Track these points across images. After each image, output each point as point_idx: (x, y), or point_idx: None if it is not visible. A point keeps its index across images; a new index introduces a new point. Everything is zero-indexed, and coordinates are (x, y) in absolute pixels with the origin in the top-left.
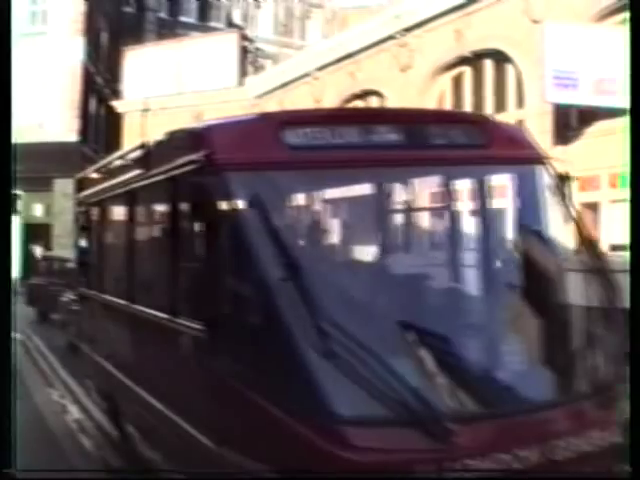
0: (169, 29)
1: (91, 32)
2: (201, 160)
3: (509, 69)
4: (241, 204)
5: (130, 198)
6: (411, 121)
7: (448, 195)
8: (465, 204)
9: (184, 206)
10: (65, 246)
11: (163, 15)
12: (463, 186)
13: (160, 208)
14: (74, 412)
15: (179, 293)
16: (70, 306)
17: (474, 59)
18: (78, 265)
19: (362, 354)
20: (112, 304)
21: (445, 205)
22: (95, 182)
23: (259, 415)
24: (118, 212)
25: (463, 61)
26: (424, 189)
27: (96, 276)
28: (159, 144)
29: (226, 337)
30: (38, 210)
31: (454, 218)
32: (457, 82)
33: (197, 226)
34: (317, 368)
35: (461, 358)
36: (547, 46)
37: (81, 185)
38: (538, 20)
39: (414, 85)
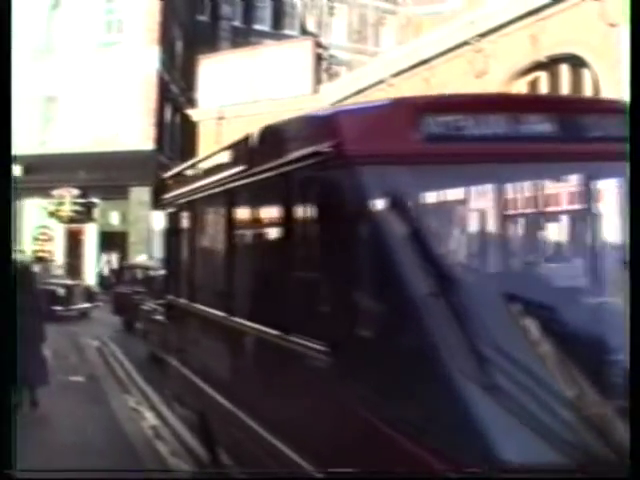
0: (243, 37)
1: (166, 41)
2: (326, 152)
3: (585, 73)
4: (378, 203)
5: (229, 198)
6: (565, 110)
7: (589, 195)
8: (606, 205)
9: (300, 206)
10: (141, 253)
11: (237, 23)
12: (604, 185)
13: (268, 208)
14: (150, 418)
15: (293, 307)
16: (152, 315)
17: (550, 64)
18: (166, 272)
19: (532, 386)
20: (205, 315)
21: (586, 207)
22: (186, 181)
23: (391, 452)
24: (214, 214)
25: (539, 66)
26: (562, 187)
27: (186, 284)
28: (267, 136)
29: (355, 361)
30: (114, 218)
31: (596, 222)
32: (533, 87)
33: (318, 229)
34: (477, 404)
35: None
36: (624, 50)
37: (169, 185)
38: (614, 24)
39: (489, 91)
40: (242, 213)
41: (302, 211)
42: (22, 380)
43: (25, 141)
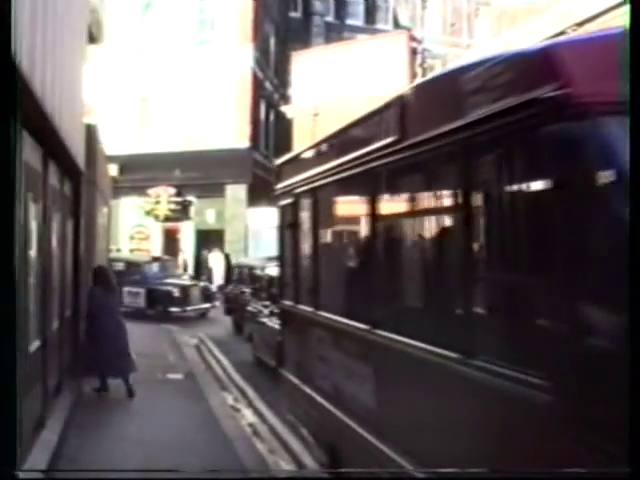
0: (336, 32)
1: (259, 38)
2: (547, 100)
3: None
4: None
5: (369, 181)
6: None
7: None
8: None
9: (489, 184)
10: (237, 251)
11: (330, 19)
12: None
13: (434, 191)
14: (248, 416)
15: (481, 323)
16: (257, 317)
17: None
18: (279, 273)
19: None
20: (335, 326)
21: None
22: (307, 165)
23: None
24: (347, 202)
25: None
26: None
27: (308, 288)
28: (430, 94)
29: (585, 400)
30: (210, 216)
31: None
32: None
33: (524, 215)
34: None
35: None
36: None
37: (285, 172)
38: None
39: None
40: (390, 199)
41: (494, 191)
42: (109, 372)
43: (121, 141)
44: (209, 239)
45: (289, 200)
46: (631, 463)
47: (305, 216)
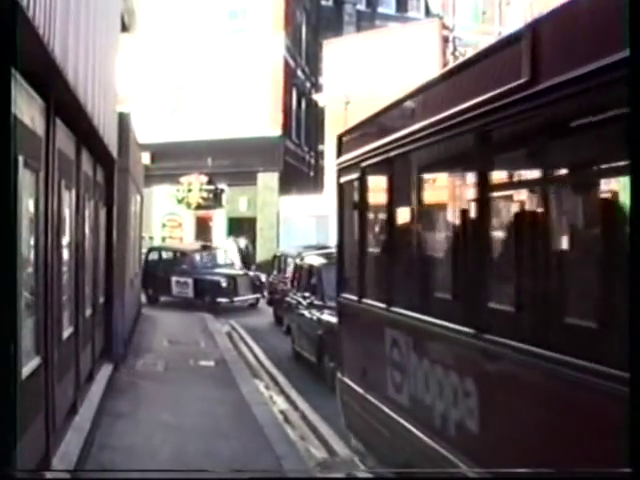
0: (367, 21)
1: (291, 26)
2: None
3: None
4: None
5: (477, 143)
6: None
7: None
8: None
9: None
10: (269, 239)
11: (361, 7)
12: None
13: (586, 158)
14: (280, 403)
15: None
16: (295, 309)
17: None
18: (339, 261)
19: None
20: (415, 325)
21: None
22: (382, 130)
23: None
24: (441, 172)
25: None
26: None
27: (378, 278)
28: (575, 20)
29: None
30: (242, 204)
31: None
32: None
33: None
34: None
35: None
36: None
37: (349, 141)
38: None
39: None
40: (505, 167)
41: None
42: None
43: (154, 129)
44: (241, 227)
45: (354, 175)
46: (632, 463)
47: (376, 194)
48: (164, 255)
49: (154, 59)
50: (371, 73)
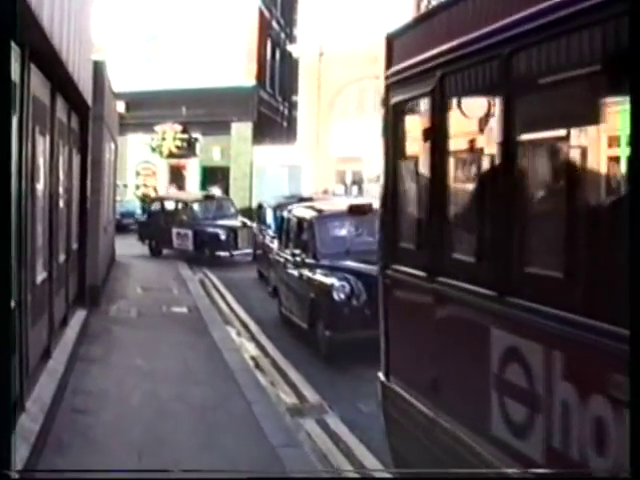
0: None
1: None
2: None
3: None
4: None
5: None
6: None
7: None
8: None
9: None
10: (242, 189)
11: None
12: None
13: None
14: (251, 349)
15: None
16: (284, 268)
17: None
18: (385, 216)
19: None
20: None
21: None
22: (458, 24)
23: None
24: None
25: None
26: None
27: (467, 244)
28: None
29: None
30: (216, 153)
31: None
32: None
33: None
34: None
35: None
36: None
37: (405, 44)
38: None
39: None
40: None
41: None
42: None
43: (129, 78)
44: (214, 176)
45: (421, 89)
46: (632, 463)
47: (466, 115)
48: (167, 205)
49: (130, 8)
50: (346, 25)
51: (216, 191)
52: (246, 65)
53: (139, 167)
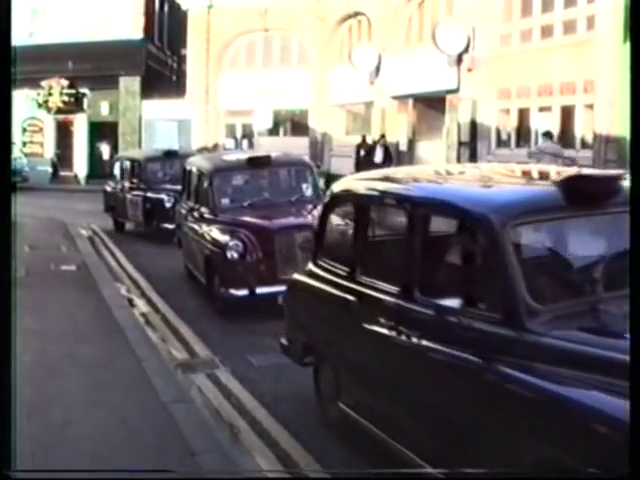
0: None
1: None
2: None
3: None
4: None
5: None
6: None
7: None
8: None
9: None
10: (131, 144)
11: None
12: None
13: None
14: (141, 306)
15: None
16: (185, 223)
17: None
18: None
19: None
20: None
21: None
22: None
23: None
24: None
25: None
26: None
27: None
28: None
29: None
30: (104, 108)
31: None
32: None
33: None
34: None
35: None
36: None
37: None
38: None
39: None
40: None
41: None
42: None
43: (14, 32)
44: (103, 131)
45: None
46: (631, 463)
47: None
48: (126, 166)
49: None
50: None
51: (105, 147)
52: (134, 18)
53: (25, 123)
